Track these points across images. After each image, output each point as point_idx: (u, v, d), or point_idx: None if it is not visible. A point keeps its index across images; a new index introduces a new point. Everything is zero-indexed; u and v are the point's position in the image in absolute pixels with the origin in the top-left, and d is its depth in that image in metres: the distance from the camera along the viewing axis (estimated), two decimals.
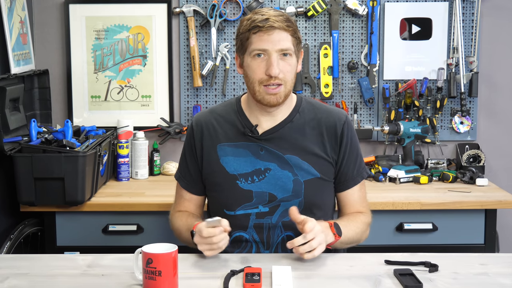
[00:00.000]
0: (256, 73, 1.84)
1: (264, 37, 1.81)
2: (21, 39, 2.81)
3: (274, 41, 1.81)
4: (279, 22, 1.81)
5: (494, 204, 2.60)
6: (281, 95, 1.85)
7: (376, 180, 2.91)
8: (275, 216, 1.91)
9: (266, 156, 1.91)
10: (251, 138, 1.92)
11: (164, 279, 1.52)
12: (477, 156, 3.07)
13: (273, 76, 1.81)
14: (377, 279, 1.62)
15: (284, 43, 1.82)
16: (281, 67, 1.82)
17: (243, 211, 1.91)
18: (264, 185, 1.90)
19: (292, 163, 1.90)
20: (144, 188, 2.82)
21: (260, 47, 1.82)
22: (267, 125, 1.93)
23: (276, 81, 1.82)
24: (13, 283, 1.62)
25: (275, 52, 1.81)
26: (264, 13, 1.83)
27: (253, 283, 1.56)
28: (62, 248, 2.58)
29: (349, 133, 1.95)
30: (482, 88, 3.15)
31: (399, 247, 2.49)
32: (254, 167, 1.91)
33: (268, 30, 1.81)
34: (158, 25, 3.10)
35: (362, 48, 3.12)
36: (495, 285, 1.60)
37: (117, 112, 3.13)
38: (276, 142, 1.91)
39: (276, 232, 1.91)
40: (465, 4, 3.09)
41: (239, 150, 1.92)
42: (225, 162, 1.93)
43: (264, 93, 1.84)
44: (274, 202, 1.90)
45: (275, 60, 1.81)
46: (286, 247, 1.71)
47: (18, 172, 2.45)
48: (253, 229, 1.91)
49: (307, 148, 1.91)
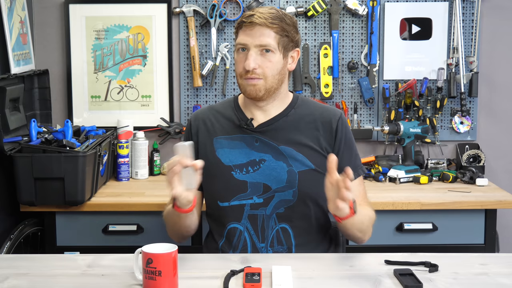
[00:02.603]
0: (238, 66, 1.91)
1: (246, 32, 1.87)
2: (21, 39, 2.81)
3: (254, 36, 1.86)
4: (263, 19, 1.85)
5: (494, 204, 2.60)
6: (260, 88, 1.89)
7: (376, 180, 2.91)
8: (269, 207, 1.92)
9: (261, 147, 1.93)
10: (247, 130, 1.95)
11: (164, 279, 1.52)
12: (477, 156, 3.07)
13: (247, 69, 1.86)
14: (377, 279, 1.62)
15: (264, 39, 1.85)
16: (260, 62, 1.86)
17: (238, 202, 1.92)
18: (258, 176, 1.92)
19: (286, 154, 1.93)
20: (144, 188, 2.82)
21: (241, 41, 1.88)
22: (262, 118, 1.96)
23: (252, 75, 1.87)
24: (13, 283, 1.62)
25: (254, 47, 1.86)
26: (254, 10, 1.89)
27: (253, 283, 1.56)
28: (62, 248, 2.58)
29: (344, 129, 1.97)
30: (482, 88, 3.15)
31: (399, 247, 2.50)
32: (249, 158, 1.93)
33: (250, 25, 1.86)
34: (158, 25, 3.10)
35: (362, 48, 3.12)
36: (495, 285, 1.60)
37: (117, 112, 3.13)
38: (271, 134, 1.94)
39: (270, 223, 1.92)
40: (465, 4, 3.09)
41: (235, 142, 1.96)
42: (220, 154, 1.96)
43: (245, 85, 1.90)
44: (269, 193, 1.92)
45: (251, 55, 1.86)
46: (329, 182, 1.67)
47: (18, 172, 2.45)
48: (247, 220, 1.92)
49: (302, 141, 1.94)
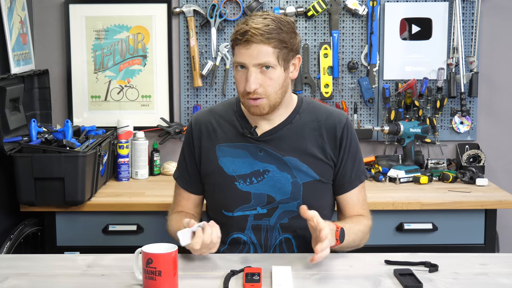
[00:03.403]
0: (239, 85, 1.82)
1: (242, 51, 1.77)
2: (21, 39, 2.81)
3: (252, 55, 1.76)
4: (258, 36, 1.74)
5: (494, 204, 2.60)
6: (264, 107, 1.82)
7: (376, 180, 2.91)
8: (273, 218, 1.90)
9: (265, 157, 1.90)
10: (250, 139, 1.90)
11: (164, 279, 1.52)
12: (477, 156, 3.07)
13: (248, 92, 1.78)
14: (377, 279, 1.62)
15: (262, 57, 1.76)
16: (261, 81, 1.78)
17: (241, 213, 1.90)
18: (262, 187, 1.89)
19: (291, 165, 1.89)
20: (144, 188, 2.82)
21: (239, 60, 1.79)
22: (266, 127, 1.91)
23: (254, 96, 1.79)
24: (13, 283, 1.62)
25: (253, 66, 1.77)
26: (248, 24, 1.77)
27: (253, 283, 1.56)
28: (62, 248, 2.58)
29: (349, 135, 1.93)
30: (482, 88, 3.15)
31: (399, 247, 2.49)
32: (252, 169, 1.89)
33: (246, 44, 1.76)
34: (158, 25, 3.10)
35: (362, 48, 3.12)
36: (495, 285, 1.60)
37: (117, 112, 3.13)
38: (275, 144, 1.90)
39: (274, 234, 1.91)
40: (465, 4, 3.09)
41: (238, 151, 1.91)
42: (223, 163, 1.92)
43: (249, 105, 1.83)
44: (273, 204, 1.89)
45: (251, 76, 1.77)
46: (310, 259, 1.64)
47: (18, 172, 2.45)
48: (250, 231, 1.91)
49: (307, 150, 1.90)
